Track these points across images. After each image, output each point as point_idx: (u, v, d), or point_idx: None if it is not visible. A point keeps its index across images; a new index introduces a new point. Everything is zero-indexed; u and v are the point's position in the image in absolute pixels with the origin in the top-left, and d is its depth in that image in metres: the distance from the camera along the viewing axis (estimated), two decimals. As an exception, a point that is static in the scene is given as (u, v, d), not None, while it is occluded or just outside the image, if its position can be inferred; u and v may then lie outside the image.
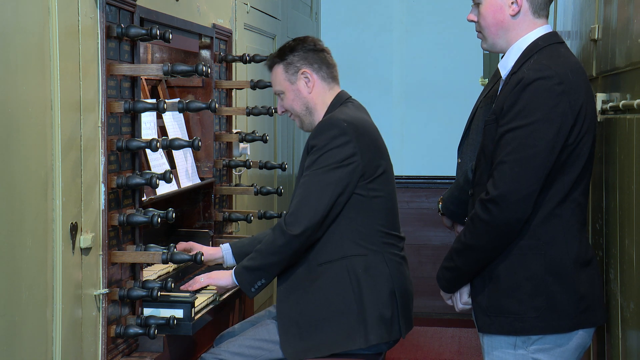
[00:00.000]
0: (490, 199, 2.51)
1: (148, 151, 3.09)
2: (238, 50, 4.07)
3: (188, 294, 3.00)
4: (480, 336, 2.69)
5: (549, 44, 2.61)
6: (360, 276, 3.09)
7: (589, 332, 2.62)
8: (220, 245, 3.40)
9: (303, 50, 3.22)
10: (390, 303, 3.12)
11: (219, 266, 3.42)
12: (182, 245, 3.40)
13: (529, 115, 2.49)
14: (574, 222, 2.57)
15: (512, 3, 2.62)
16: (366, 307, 3.08)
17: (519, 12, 2.63)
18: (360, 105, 3.27)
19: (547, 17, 2.68)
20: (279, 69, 3.23)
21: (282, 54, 3.24)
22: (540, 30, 2.64)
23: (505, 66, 2.68)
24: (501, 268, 2.57)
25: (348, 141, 3.05)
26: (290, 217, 3.03)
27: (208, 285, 3.20)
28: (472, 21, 2.72)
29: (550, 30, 2.66)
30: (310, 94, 3.21)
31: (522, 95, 2.50)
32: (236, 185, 3.93)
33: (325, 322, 3.07)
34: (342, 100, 3.23)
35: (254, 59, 3.82)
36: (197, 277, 3.21)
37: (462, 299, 2.72)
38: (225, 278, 3.17)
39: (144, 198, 2.96)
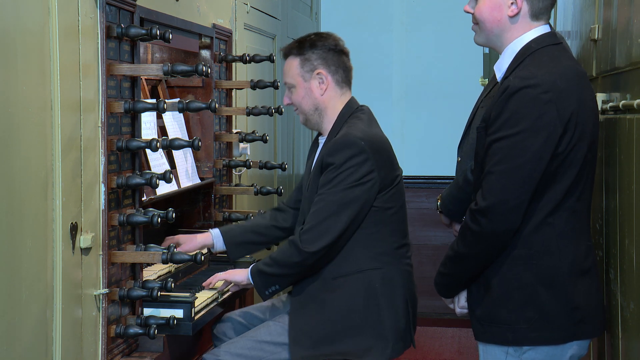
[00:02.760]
0: (478, 210, 2.48)
1: (148, 151, 3.09)
2: (238, 50, 4.07)
3: (188, 294, 3.00)
4: (477, 343, 2.68)
5: (542, 46, 2.55)
6: (378, 290, 3.07)
7: (583, 344, 2.58)
8: (210, 230, 3.39)
9: (323, 49, 3.15)
10: (405, 314, 3.12)
11: (222, 266, 3.44)
12: (168, 240, 3.37)
13: (514, 126, 2.44)
14: (569, 230, 2.52)
15: (512, 4, 2.56)
16: (385, 322, 3.07)
17: (517, 13, 2.56)
18: (370, 114, 3.23)
19: (547, 20, 2.62)
20: (295, 62, 3.17)
21: (301, 48, 3.16)
22: (535, 31, 2.58)
23: (500, 68, 2.64)
24: (494, 277, 2.55)
25: (366, 159, 3.03)
26: (306, 235, 3.02)
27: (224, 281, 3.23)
28: (468, 12, 2.65)
29: (547, 30, 2.60)
30: (322, 96, 3.16)
31: (508, 104, 2.45)
32: (236, 185, 3.92)
33: (342, 336, 3.05)
34: (352, 109, 3.18)
35: (254, 59, 3.81)
36: (216, 274, 3.23)
37: (459, 304, 2.71)
38: (240, 275, 3.18)
39: (144, 198, 2.96)
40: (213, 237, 3.36)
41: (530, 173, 2.44)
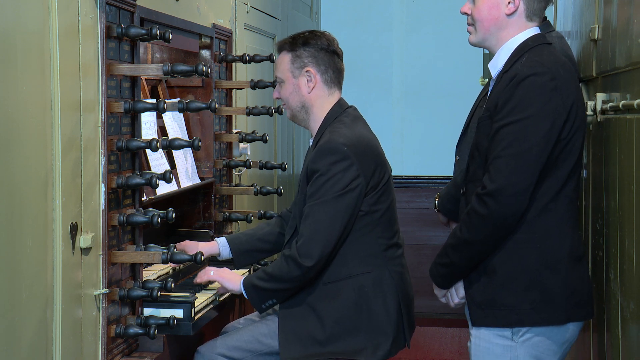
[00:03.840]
0: (487, 193, 2.53)
1: (148, 151, 3.09)
2: (238, 50, 4.07)
3: (188, 294, 3.00)
4: (470, 330, 2.70)
5: (538, 44, 2.65)
6: (369, 293, 3.06)
7: (577, 327, 2.66)
8: (216, 239, 3.38)
9: (315, 47, 3.15)
10: (397, 316, 3.11)
11: (225, 264, 3.43)
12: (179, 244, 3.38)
13: (523, 111, 2.53)
14: (568, 218, 2.61)
15: (509, 3, 2.66)
16: (377, 324, 3.06)
17: (514, 12, 2.66)
18: (356, 114, 3.20)
19: (539, 22, 2.71)
20: (286, 58, 3.18)
21: (294, 45, 3.17)
22: (529, 32, 2.68)
23: (495, 66, 2.72)
24: (496, 261, 2.60)
25: (350, 165, 3.01)
26: (303, 248, 3.00)
27: (215, 281, 3.20)
28: (465, 14, 2.74)
29: (538, 32, 2.70)
30: (309, 94, 3.16)
31: (516, 91, 2.54)
32: (236, 185, 3.92)
33: (334, 340, 3.05)
34: (339, 112, 3.16)
35: (254, 59, 3.82)
36: (208, 268, 3.21)
37: (459, 294, 2.73)
38: (233, 283, 3.14)
39: (144, 198, 2.96)
40: (219, 246, 3.35)
41: (538, 156, 2.52)
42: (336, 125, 3.13)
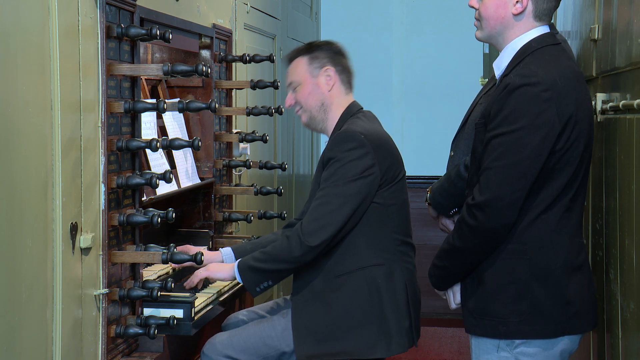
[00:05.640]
0: (476, 205, 2.50)
1: (148, 151, 3.09)
2: (238, 50, 4.07)
3: (188, 294, 3.00)
4: (470, 337, 2.69)
5: (543, 46, 2.57)
6: (381, 286, 3.07)
7: (574, 339, 2.60)
8: (220, 249, 3.38)
9: (331, 50, 3.25)
10: (408, 312, 3.11)
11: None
12: (178, 248, 3.36)
13: (514, 122, 2.46)
14: (562, 227, 2.54)
15: (517, 2, 2.57)
16: (388, 318, 3.07)
17: (522, 12, 2.58)
18: (372, 115, 3.27)
19: (548, 21, 2.63)
20: (303, 60, 3.23)
21: (310, 49, 3.26)
22: (536, 30, 2.60)
23: (499, 66, 2.65)
24: (487, 271, 2.57)
25: (366, 153, 3.04)
26: (308, 228, 3.01)
27: (209, 283, 3.20)
28: (473, 7, 2.67)
29: (547, 30, 2.61)
30: (329, 92, 3.21)
31: (508, 101, 2.48)
32: (236, 185, 3.93)
33: (346, 333, 3.05)
34: (354, 110, 3.23)
35: (254, 59, 3.82)
36: (196, 272, 3.20)
37: (455, 300, 2.72)
38: (224, 271, 3.14)
39: (144, 198, 2.96)
40: (223, 255, 3.33)
41: (528, 169, 2.47)
42: (352, 119, 3.19)
